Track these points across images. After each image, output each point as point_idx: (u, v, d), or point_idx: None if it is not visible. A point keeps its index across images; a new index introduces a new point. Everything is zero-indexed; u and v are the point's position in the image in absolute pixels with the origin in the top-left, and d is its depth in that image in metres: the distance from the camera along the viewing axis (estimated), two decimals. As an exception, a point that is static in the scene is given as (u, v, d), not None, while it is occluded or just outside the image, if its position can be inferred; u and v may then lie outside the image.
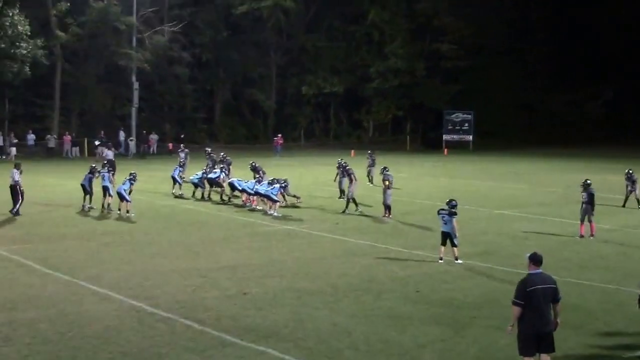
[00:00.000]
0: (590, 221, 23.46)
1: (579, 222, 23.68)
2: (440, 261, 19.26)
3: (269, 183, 28.35)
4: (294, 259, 19.88)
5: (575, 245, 22.35)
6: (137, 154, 57.79)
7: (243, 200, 30.11)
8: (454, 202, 19.63)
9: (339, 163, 32.37)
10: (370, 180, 37.82)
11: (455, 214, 19.39)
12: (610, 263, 20.03)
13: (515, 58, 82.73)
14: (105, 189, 27.71)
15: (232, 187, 30.56)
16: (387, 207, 27.00)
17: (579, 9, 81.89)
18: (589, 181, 24.06)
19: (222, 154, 37.73)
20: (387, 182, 27.41)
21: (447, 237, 19.29)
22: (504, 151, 67.82)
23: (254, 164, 32.32)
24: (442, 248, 19.43)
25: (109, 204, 27.58)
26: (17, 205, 26.67)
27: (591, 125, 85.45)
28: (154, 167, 46.63)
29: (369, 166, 38.62)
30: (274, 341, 13.00)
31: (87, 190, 28.04)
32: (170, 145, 59.54)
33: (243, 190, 29.81)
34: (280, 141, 62.32)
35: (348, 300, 15.74)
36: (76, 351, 12.41)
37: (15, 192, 26.82)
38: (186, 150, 42.12)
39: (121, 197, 27.02)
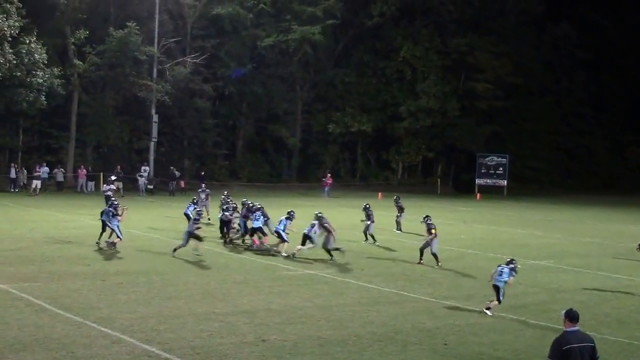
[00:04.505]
0: None
1: None
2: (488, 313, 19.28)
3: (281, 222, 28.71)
4: (315, 305, 19.86)
5: (613, 300, 22.19)
6: (170, 191, 57.60)
7: (253, 241, 30.22)
8: (514, 261, 19.79)
9: (365, 208, 32.96)
10: (399, 228, 37.04)
11: (516, 272, 19.53)
12: (652, 320, 19.84)
13: (553, 99, 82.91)
14: (104, 224, 28.48)
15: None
16: (435, 255, 26.89)
17: (622, 51, 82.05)
18: None
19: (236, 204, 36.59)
20: (433, 230, 27.22)
21: (496, 291, 19.24)
22: (539, 197, 67.64)
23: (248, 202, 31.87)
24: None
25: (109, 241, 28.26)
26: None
27: (634, 171, 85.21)
28: (172, 205, 46.88)
29: (399, 214, 37.42)
30: (293, 392, 13.01)
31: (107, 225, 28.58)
32: (183, 182, 59.59)
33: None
34: (329, 181, 62.77)
35: (372, 350, 15.69)
36: (86, 396, 12.48)
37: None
38: (207, 190, 41.15)
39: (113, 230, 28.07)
